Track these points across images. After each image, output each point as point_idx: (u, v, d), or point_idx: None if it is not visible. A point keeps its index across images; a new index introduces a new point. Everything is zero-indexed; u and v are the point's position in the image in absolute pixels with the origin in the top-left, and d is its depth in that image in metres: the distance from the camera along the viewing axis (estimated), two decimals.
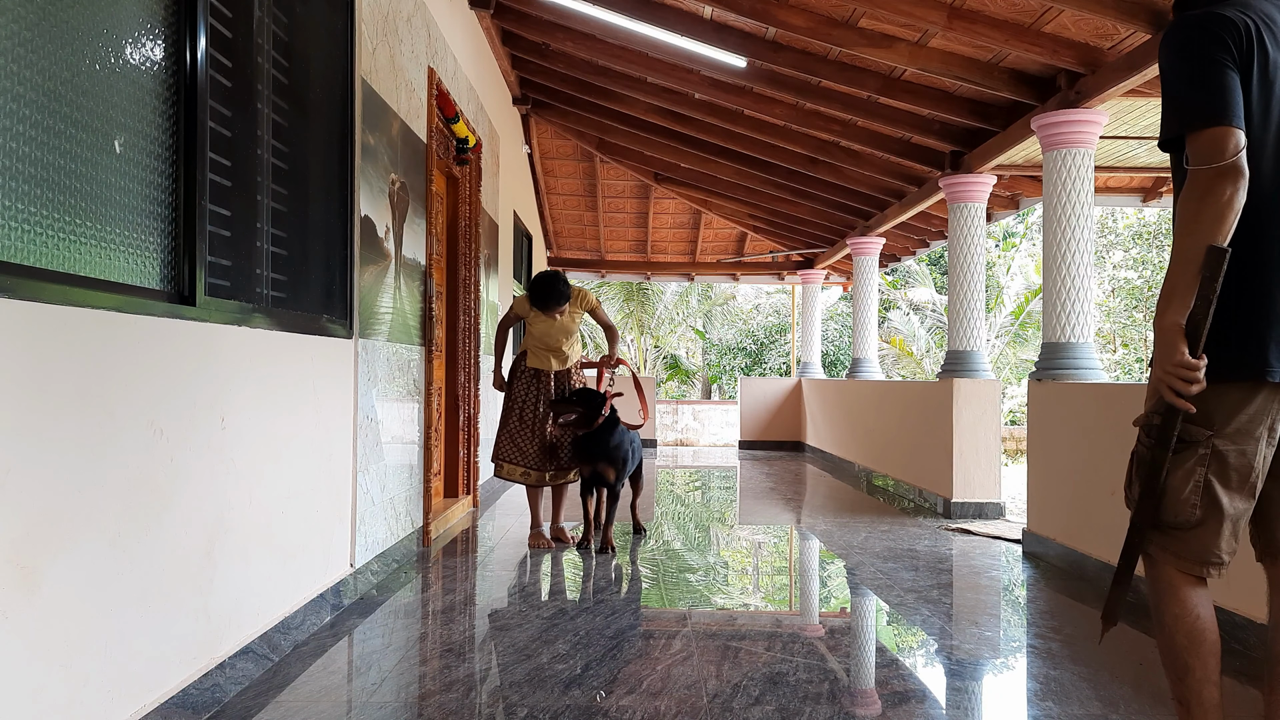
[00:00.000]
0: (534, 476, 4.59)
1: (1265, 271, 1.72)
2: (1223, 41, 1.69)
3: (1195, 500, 1.78)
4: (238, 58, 2.62)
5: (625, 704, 2.43)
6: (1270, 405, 1.74)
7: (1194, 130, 1.69)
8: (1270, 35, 1.71)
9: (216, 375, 2.43)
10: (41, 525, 1.73)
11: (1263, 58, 1.70)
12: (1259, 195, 1.71)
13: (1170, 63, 1.75)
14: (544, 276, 4.51)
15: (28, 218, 1.76)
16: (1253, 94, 1.70)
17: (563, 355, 4.70)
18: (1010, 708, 2.58)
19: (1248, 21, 1.70)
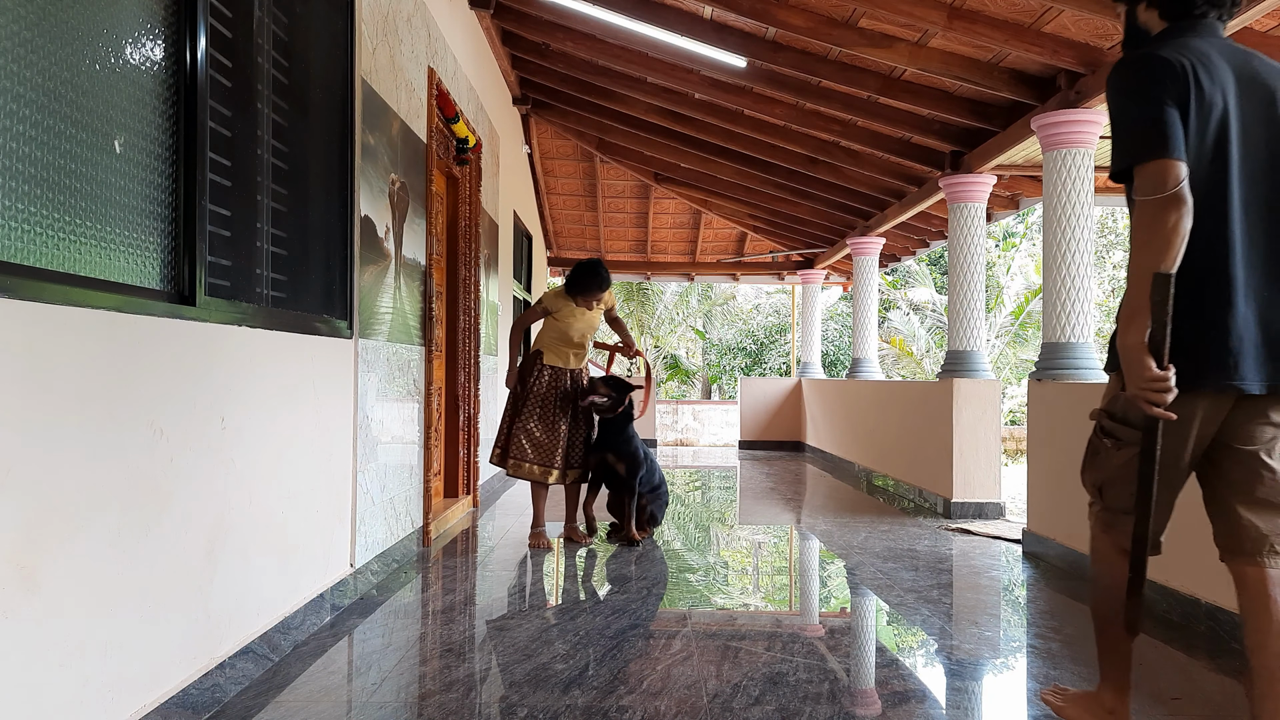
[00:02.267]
0: (554, 476, 4.58)
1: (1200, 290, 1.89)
2: (1163, 81, 1.85)
3: (1127, 488, 2.00)
4: (238, 58, 2.62)
5: (625, 704, 2.43)
6: (1198, 411, 1.92)
7: (1140, 163, 1.85)
8: (1205, 73, 1.88)
9: (217, 375, 2.43)
10: (41, 525, 1.73)
11: (1199, 94, 1.86)
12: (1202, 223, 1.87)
13: (1116, 101, 1.92)
14: (589, 262, 4.58)
15: (28, 218, 1.76)
16: (1190, 127, 1.86)
17: (582, 353, 4.72)
18: (1010, 708, 2.57)
19: (1184, 61, 1.86)
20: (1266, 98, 1.94)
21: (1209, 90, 1.87)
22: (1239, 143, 1.91)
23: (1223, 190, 1.90)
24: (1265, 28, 4.18)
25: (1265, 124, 1.94)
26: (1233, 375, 1.88)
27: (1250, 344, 1.88)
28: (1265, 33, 4.20)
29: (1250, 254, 1.90)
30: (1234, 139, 1.90)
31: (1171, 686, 2.69)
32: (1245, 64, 1.94)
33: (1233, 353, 1.88)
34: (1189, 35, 1.95)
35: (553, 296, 4.68)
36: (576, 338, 4.66)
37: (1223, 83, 1.89)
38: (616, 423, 4.68)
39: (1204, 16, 1.97)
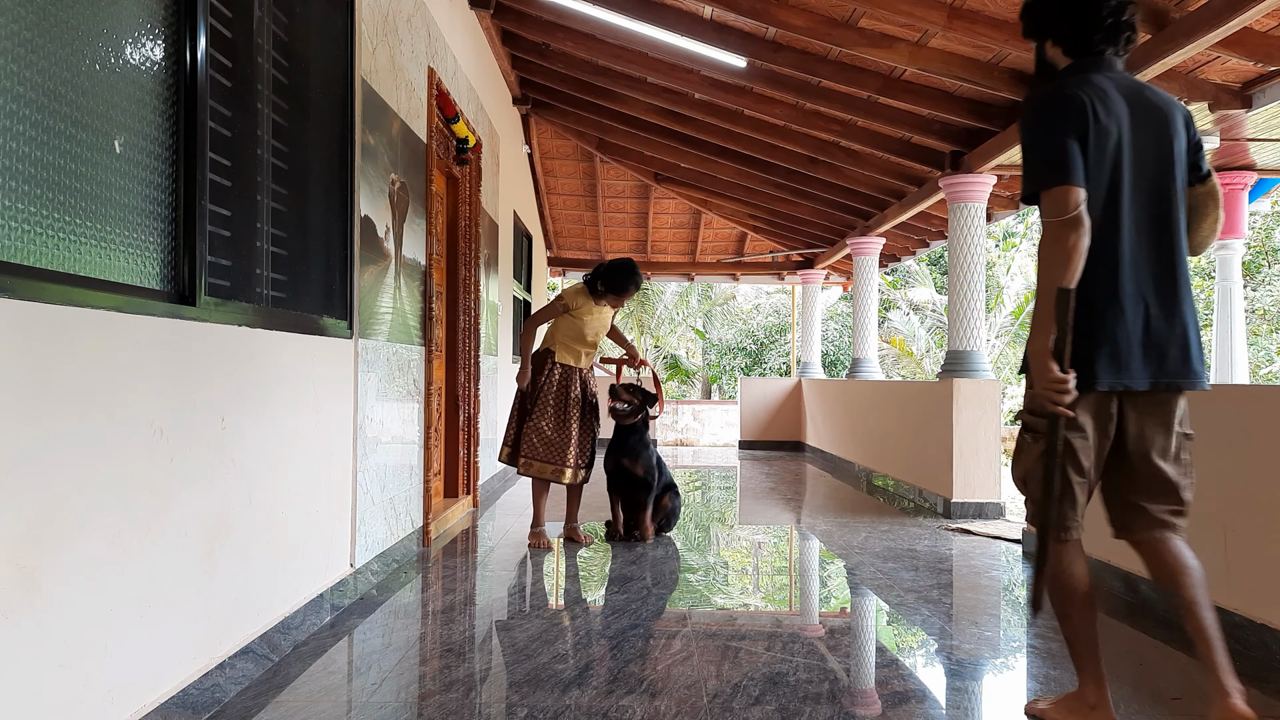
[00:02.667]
0: (568, 474, 4.58)
1: (1097, 305, 2.13)
2: (1066, 115, 2.09)
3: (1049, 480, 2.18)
4: (238, 58, 2.62)
5: (625, 704, 2.43)
6: (1099, 408, 2.17)
7: (1045, 189, 2.08)
8: (1103, 106, 2.11)
9: (216, 375, 2.43)
10: (41, 525, 1.73)
11: (1097, 126, 2.10)
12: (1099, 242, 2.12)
13: (1026, 133, 2.16)
14: (625, 261, 4.64)
15: (28, 218, 1.76)
16: (1089, 157, 2.09)
17: (592, 352, 4.76)
18: (1010, 708, 2.57)
19: (1084, 96, 2.10)
20: (1157, 127, 2.18)
21: (1106, 122, 2.11)
22: (1131, 169, 2.15)
23: (1116, 212, 2.14)
24: (1265, 28, 4.18)
25: (1155, 151, 2.18)
26: (1121, 374, 2.13)
27: (1138, 348, 2.14)
28: (1265, 33, 4.20)
29: (1138, 270, 2.15)
30: (1127, 166, 2.14)
31: (1171, 686, 2.69)
32: (1139, 95, 2.19)
33: (1121, 354, 2.13)
34: (1089, 71, 2.18)
35: (574, 294, 4.68)
36: (590, 336, 4.67)
37: (1118, 114, 2.13)
38: (634, 428, 4.79)
39: (1101, 54, 2.20)
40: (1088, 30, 2.19)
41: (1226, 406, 3.23)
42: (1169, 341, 2.16)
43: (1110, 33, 2.19)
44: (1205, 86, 4.78)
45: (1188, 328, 2.18)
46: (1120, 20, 2.19)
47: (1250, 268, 16.52)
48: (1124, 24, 2.19)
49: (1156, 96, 2.21)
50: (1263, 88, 4.72)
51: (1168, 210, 2.19)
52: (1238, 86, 4.81)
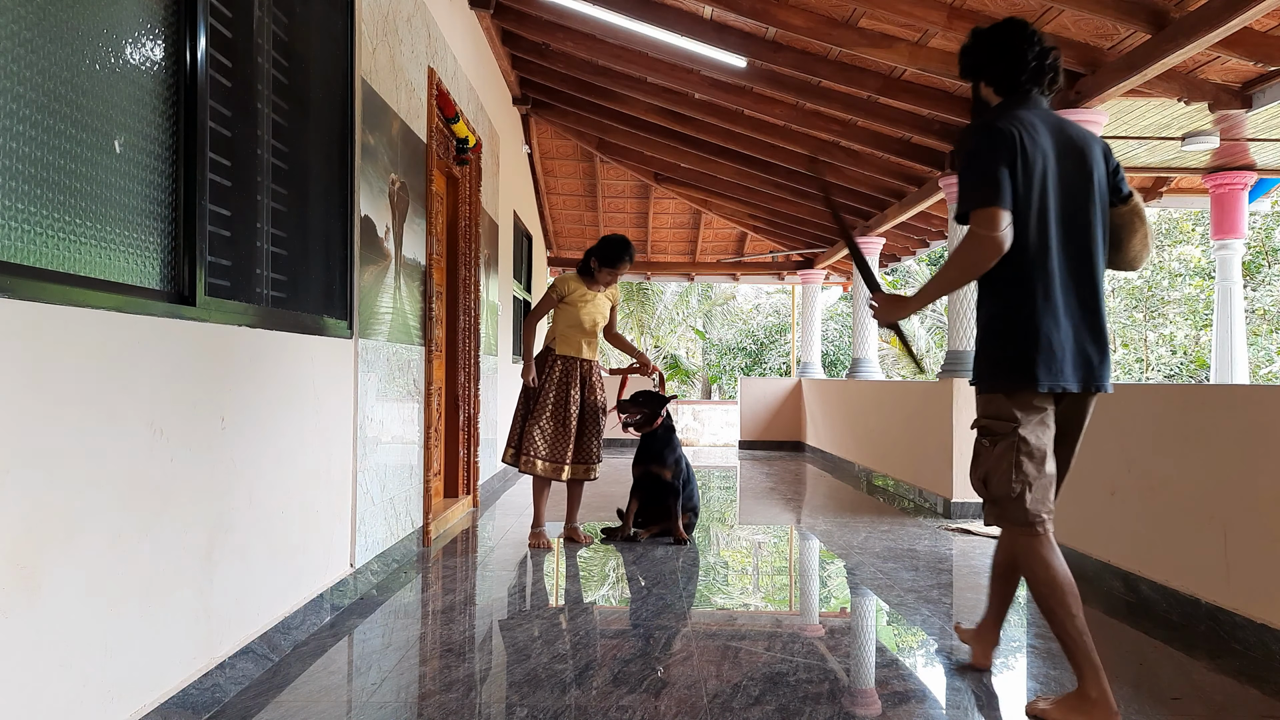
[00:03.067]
0: (566, 471, 4.59)
1: (1034, 315, 2.35)
2: (998, 147, 2.33)
3: (1009, 477, 2.41)
4: (238, 58, 2.62)
5: (625, 704, 2.43)
6: (1046, 403, 2.42)
7: (976, 209, 2.33)
8: (1030, 138, 2.36)
9: (216, 375, 2.43)
10: (41, 525, 1.73)
11: (1025, 157, 2.34)
12: (1026, 255, 2.36)
13: (962, 161, 2.40)
14: (618, 236, 4.66)
15: (28, 218, 1.76)
16: (1018, 182, 2.33)
17: (594, 341, 4.73)
18: (1010, 708, 2.57)
19: (1013, 130, 2.35)
20: (1078, 158, 2.43)
21: (1032, 152, 2.35)
22: (1057, 196, 2.39)
23: (1046, 235, 2.37)
24: (1265, 27, 4.18)
25: (1078, 180, 2.42)
26: (1060, 378, 2.37)
27: (1071, 354, 2.38)
28: (1265, 32, 4.20)
29: (1066, 286, 2.39)
30: (1053, 193, 2.38)
31: (1171, 686, 2.69)
32: (1061, 129, 2.44)
33: (1059, 361, 2.37)
34: (1018, 107, 2.44)
35: (564, 280, 4.69)
36: (588, 324, 4.66)
37: (1044, 146, 2.38)
38: (659, 435, 4.82)
39: (1028, 93, 2.47)
40: (1016, 72, 2.46)
41: (1227, 406, 3.23)
42: (1093, 349, 2.41)
43: (1035, 75, 2.46)
44: (1205, 86, 4.78)
45: (1105, 337, 2.45)
46: (1044, 64, 2.46)
47: (1250, 268, 16.52)
48: (1048, 67, 2.47)
49: (1076, 131, 2.48)
50: (1263, 88, 4.72)
51: (1089, 234, 2.43)
52: (1238, 86, 4.81)
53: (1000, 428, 2.42)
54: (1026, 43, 2.45)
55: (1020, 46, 2.45)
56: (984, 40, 2.52)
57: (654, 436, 4.85)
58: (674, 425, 4.94)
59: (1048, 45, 2.47)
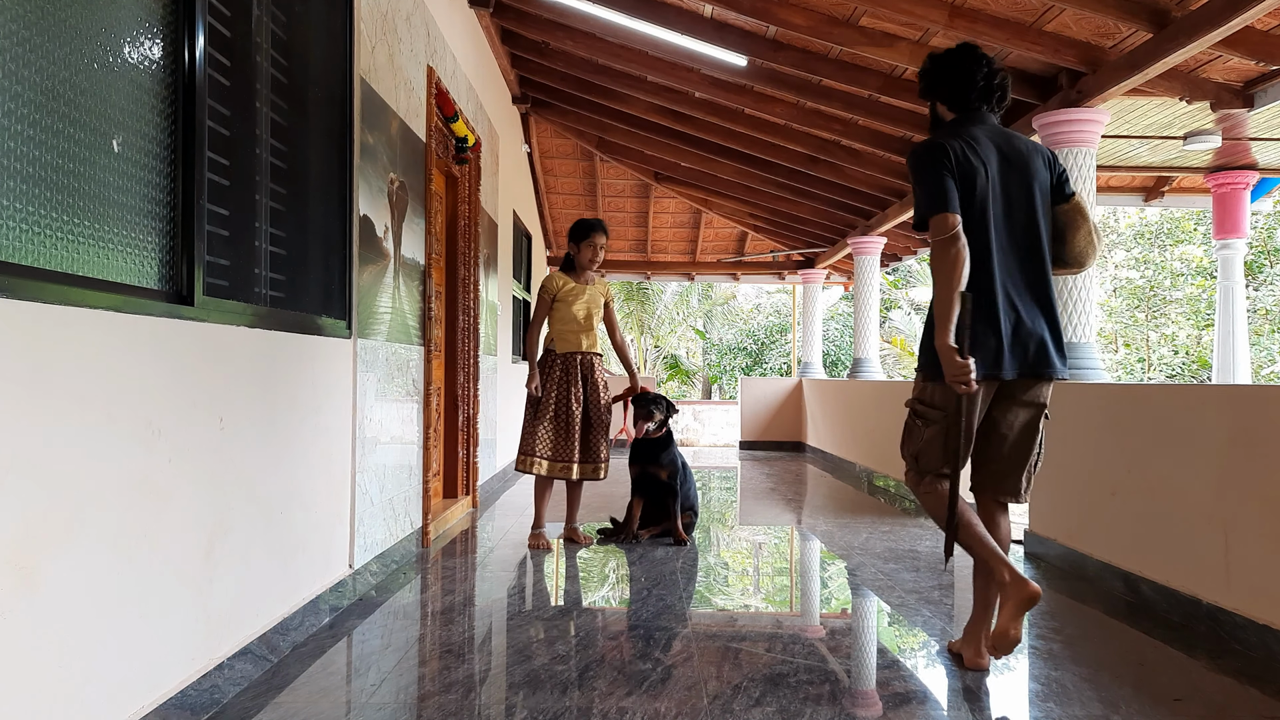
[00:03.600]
0: (575, 470, 4.58)
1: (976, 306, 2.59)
2: (943, 160, 2.61)
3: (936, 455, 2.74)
4: (237, 57, 2.61)
5: (625, 705, 2.43)
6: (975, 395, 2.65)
7: (930, 215, 2.60)
8: (973, 151, 2.64)
9: (215, 375, 2.42)
10: (41, 525, 1.72)
11: (967, 167, 2.62)
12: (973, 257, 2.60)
13: (915, 173, 2.67)
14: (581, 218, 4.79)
15: (27, 218, 1.75)
16: (962, 191, 2.61)
17: (593, 333, 4.73)
18: (1011, 709, 2.57)
19: (960, 144, 2.64)
20: (1022, 167, 2.70)
21: (977, 164, 2.63)
22: (1000, 201, 2.66)
23: (987, 236, 2.63)
24: (1267, 26, 4.17)
25: (1020, 186, 2.69)
26: (994, 366, 2.60)
27: (1006, 343, 2.61)
28: (1267, 32, 4.19)
29: (1007, 282, 2.64)
30: (995, 198, 2.65)
31: (1172, 686, 2.68)
32: (1007, 142, 2.72)
33: (994, 350, 2.60)
34: (967, 124, 2.72)
35: (551, 279, 4.73)
36: (582, 317, 4.66)
37: (987, 157, 2.65)
38: (660, 437, 4.82)
39: (978, 110, 2.75)
40: (966, 92, 2.74)
41: (1227, 406, 3.22)
42: (1032, 340, 2.64)
43: (984, 94, 2.74)
44: (1206, 86, 4.77)
45: (1046, 329, 2.67)
46: (992, 84, 2.74)
47: (1252, 267, 16.51)
48: (995, 86, 2.75)
49: (1021, 143, 2.74)
50: (1264, 87, 4.72)
51: (1034, 234, 2.69)
52: (1239, 85, 4.80)
53: (933, 415, 2.72)
54: (976, 66, 2.73)
55: (971, 69, 2.73)
56: (939, 63, 2.80)
57: (653, 442, 4.83)
58: (673, 435, 4.95)
59: (996, 68, 2.75)
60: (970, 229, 2.61)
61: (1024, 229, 2.68)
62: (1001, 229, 2.65)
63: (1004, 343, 2.60)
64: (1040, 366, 2.65)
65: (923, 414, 2.75)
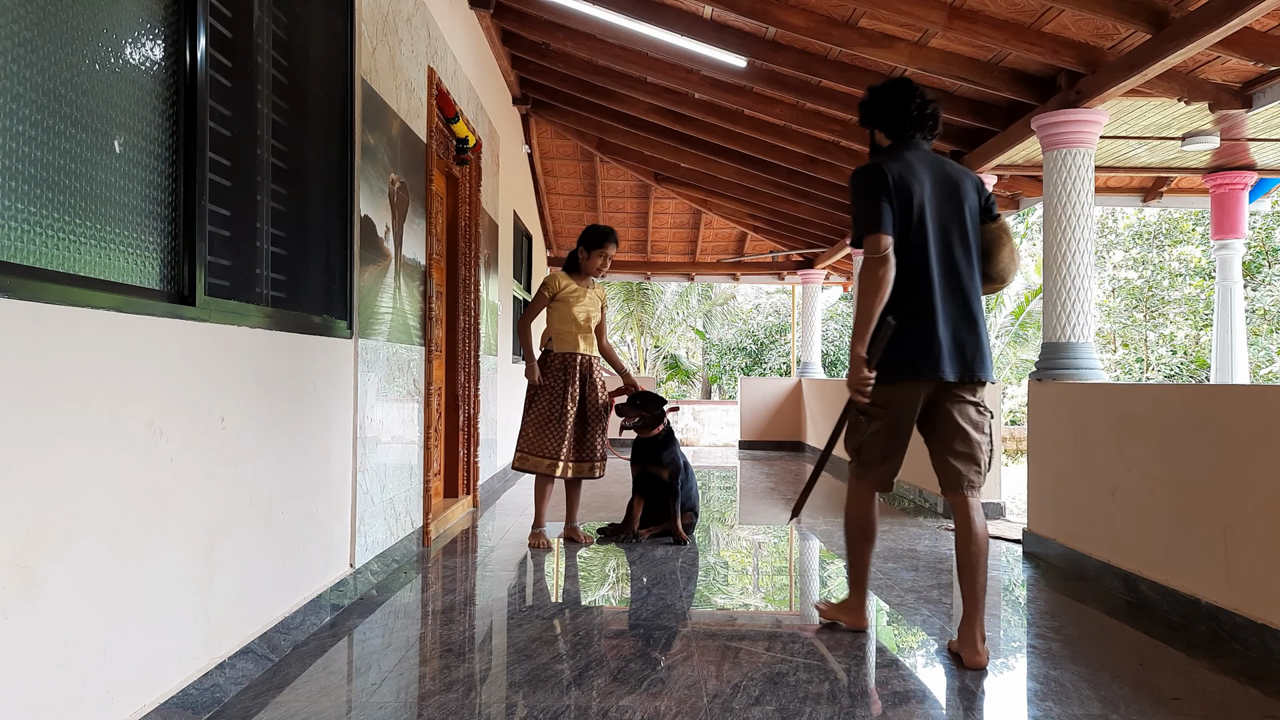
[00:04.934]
0: (560, 468, 4.58)
1: (913, 318, 2.84)
2: (881, 183, 2.85)
3: (877, 449, 3.01)
4: (237, 58, 2.62)
5: (625, 704, 2.43)
6: (916, 395, 2.91)
7: (866, 235, 2.84)
8: (910, 175, 2.87)
9: (216, 375, 2.43)
10: (41, 525, 1.73)
11: (905, 189, 2.85)
12: (908, 268, 2.84)
13: (854, 195, 2.92)
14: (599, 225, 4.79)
15: (28, 218, 1.76)
16: (898, 213, 2.84)
17: (590, 336, 4.73)
18: (1011, 708, 2.57)
19: (895, 168, 2.88)
20: (952, 190, 2.93)
21: (910, 185, 2.86)
22: (934, 220, 2.88)
23: (924, 252, 2.86)
24: (1265, 27, 4.18)
25: (952, 208, 2.91)
26: (937, 369, 2.83)
27: (946, 349, 2.83)
28: (1266, 32, 4.20)
29: (944, 293, 2.86)
30: (930, 218, 2.87)
31: (1171, 687, 2.69)
32: (939, 167, 2.96)
33: (936, 355, 2.82)
34: (903, 149, 2.97)
35: (553, 278, 4.72)
36: (581, 319, 4.67)
37: (922, 180, 2.88)
38: (658, 436, 4.83)
39: (913, 137, 3.00)
40: (901, 122, 3.00)
41: (1227, 406, 3.23)
42: (969, 346, 2.87)
43: (918, 123, 2.99)
44: (1205, 86, 4.78)
45: (981, 337, 2.91)
46: (924, 114, 3.00)
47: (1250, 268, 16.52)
48: (928, 116, 3.00)
49: (952, 168, 2.99)
50: (1263, 87, 4.72)
51: (964, 251, 2.92)
52: (1238, 86, 4.81)
53: (876, 413, 2.98)
54: (910, 98, 3.01)
55: (905, 101, 3.00)
56: (877, 95, 3.09)
57: (652, 441, 4.85)
58: (673, 428, 4.95)
59: (928, 99, 3.03)
60: (909, 245, 2.84)
61: (957, 246, 2.90)
62: (937, 246, 2.87)
63: (944, 348, 2.83)
64: (977, 370, 2.89)
65: (867, 410, 3.00)
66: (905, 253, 2.84)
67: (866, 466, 3.05)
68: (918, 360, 2.82)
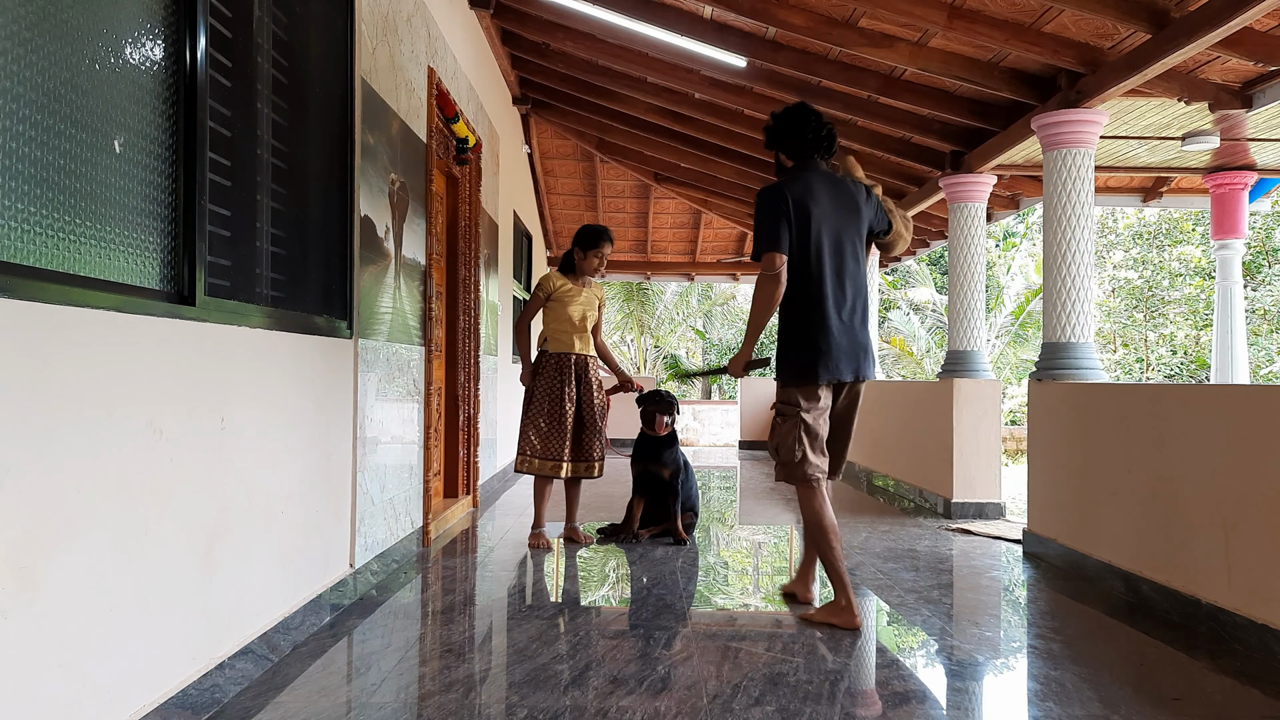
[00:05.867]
0: (565, 469, 4.59)
1: (813, 326, 3.20)
2: (780, 204, 3.16)
3: (794, 445, 3.25)
4: (237, 57, 2.62)
5: (625, 704, 2.43)
6: (824, 396, 3.26)
7: (763, 252, 3.17)
8: (808, 194, 3.19)
9: (216, 375, 2.42)
10: (41, 525, 1.73)
11: (804, 207, 3.17)
12: (808, 280, 3.19)
13: (756, 213, 3.22)
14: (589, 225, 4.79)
15: (28, 218, 1.76)
16: (795, 230, 3.17)
17: (586, 336, 4.73)
18: (1011, 708, 2.57)
19: (795, 189, 3.19)
20: (847, 207, 3.27)
21: (809, 204, 3.18)
22: (830, 236, 3.20)
23: (821, 266, 3.19)
24: (1265, 27, 4.18)
25: (847, 221, 3.26)
26: (837, 372, 3.21)
27: (844, 354, 3.22)
28: (1266, 32, 4.20)
29: (840, 302, 3.22)
30: (826, 235, 3.19)
31: (1172, 687, 2.69)
32: (836, 185, 3.28)
33: (834, 358, 3.20)
34: (803, 170, 3.29)
35: (548, 278, 4.72)
36: (577, 319, 4.67)
37: (820, 200, 3.20)
38: (664, 436, 4.82)
39: (812, 158, 3.31)
40: (801, 145, 3.31)
41: (1226, 406, 3.23)
42: (858, 350, 3.26)
43: (815, 144, 3.29)
44: (1205, 86, 4.77)
45: (869, 342, 3.32)
46: (820, 136, 3.29)
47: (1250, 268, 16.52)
48: (824, 138, 3.30)
49: (847, 185, 3.32)
50: (1263, 88, 4.72)
51: (856, 263, 3.27)
52: (1238, 86, 4.81)
53: (790, 411, 3.26)
54: (809, 122, 3.29)
55: (805, 125, 3.29)
56: (780, 121, 3.36)
57: (654, 435, 4.85)
58: (677, 435, 4.96)
59: (824, 122, 3.32)
60: (809, 260, 3.18)
61: (850, 259, 3.25)
62: (833, 260, 3.20)
63: (842, 353, 3.20)
64: (865, 371, 3.30)
65: (783, 412, 3.29)
66: (806, 267, 3.18)
67: (788, 466, 3.27)
68: (819, 364, 3.18)
